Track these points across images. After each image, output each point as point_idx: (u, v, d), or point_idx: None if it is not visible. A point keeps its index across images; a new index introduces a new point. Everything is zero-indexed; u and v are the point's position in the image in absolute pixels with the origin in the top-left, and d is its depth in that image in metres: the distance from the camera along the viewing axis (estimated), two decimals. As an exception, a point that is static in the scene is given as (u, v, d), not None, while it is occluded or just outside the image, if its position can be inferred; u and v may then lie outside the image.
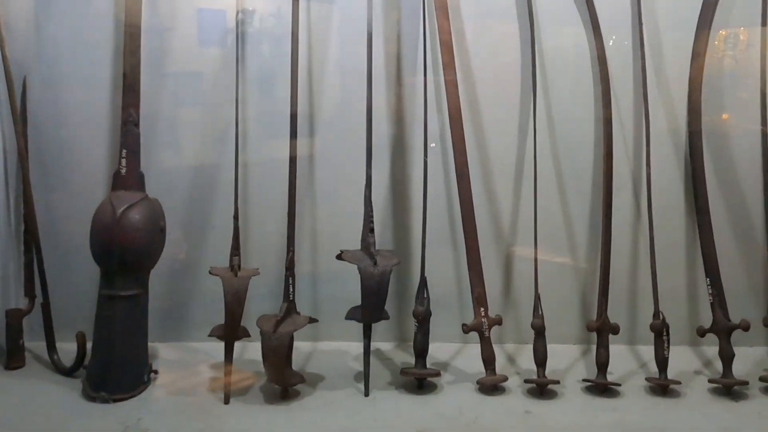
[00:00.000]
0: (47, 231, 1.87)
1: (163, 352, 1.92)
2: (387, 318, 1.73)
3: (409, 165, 1.98)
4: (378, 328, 1.83)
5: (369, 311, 1.67)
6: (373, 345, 1.78)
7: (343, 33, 1.95)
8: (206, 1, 1.96)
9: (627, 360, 1.90)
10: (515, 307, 2.00)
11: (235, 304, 1.63)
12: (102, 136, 1.91)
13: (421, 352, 1.72)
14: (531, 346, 1.75)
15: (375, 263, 1.66)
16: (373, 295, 1.65)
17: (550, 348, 1.73)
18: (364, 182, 1.76)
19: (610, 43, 1.91)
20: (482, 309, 1.75)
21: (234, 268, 1.69)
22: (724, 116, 1.96)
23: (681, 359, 1.86)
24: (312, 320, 1.74)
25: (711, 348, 1.88)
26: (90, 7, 1.91)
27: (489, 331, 1.73)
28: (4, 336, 1.83)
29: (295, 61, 1.77)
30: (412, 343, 1.75)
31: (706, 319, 1.81)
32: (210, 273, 1.69)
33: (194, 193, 1.98)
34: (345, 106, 1.97)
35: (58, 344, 1.84)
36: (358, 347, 1.85)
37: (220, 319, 1.66)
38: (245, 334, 1.69)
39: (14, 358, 1.82)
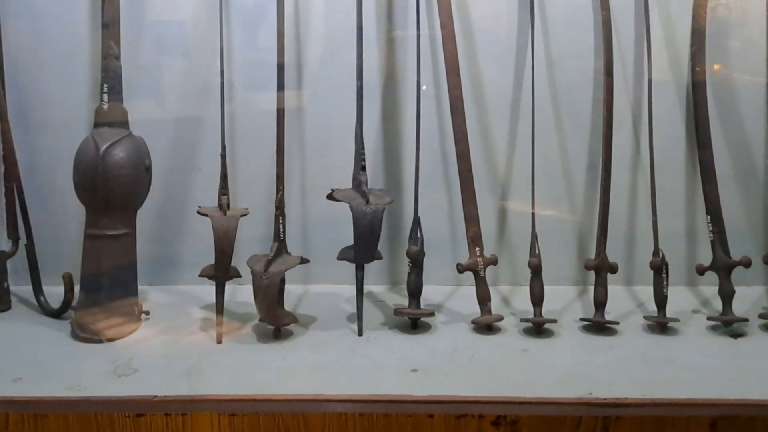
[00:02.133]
0: (28, 171, 1.81)
1: (153, 295, 1.89)
2: (380, 258, 1.69)
3: (401, 102, 1.91)
4: (370, 270, 1.80)
5: (361, 251, 1.63)
6: (366, 287, 1.74)
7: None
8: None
9: (625, 300, 1.87)
10: (511, 248, 1.96)
11: (225, 243, 1.59)
12: (82, 71, 1.84)
13: (414, 293, 1.69)
14: (527, 288, 1.71)
15: (367, 201, 1.61)
16: (366, 235, 1.61)
17: (547, 289, 1.70)
18: (354, 120, 1.70)
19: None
20: (477, 248, 1.71)
21: (223, 207, 1.64)
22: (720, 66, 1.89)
23: (679, 299, 1.84)
24: (303, 260, 1.70)
25: (710, 288, 1.85)
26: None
27: (484, 271, 1.70)
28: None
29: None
30: (405, 286, 1.72)
31: (706, 260, 1.78)
32: (198, 213, 1.64)
33: (180, 138, 1.92)
34: (336, 44, 1.89)
35: (44, 287, 1.80)
36: (350, 290, 1.83)
37: (210, 260, 1.62)
38: (236, 274, 1.65)
39: None
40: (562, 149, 1.93)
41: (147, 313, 1.72)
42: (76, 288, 1.67)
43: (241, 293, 1.81)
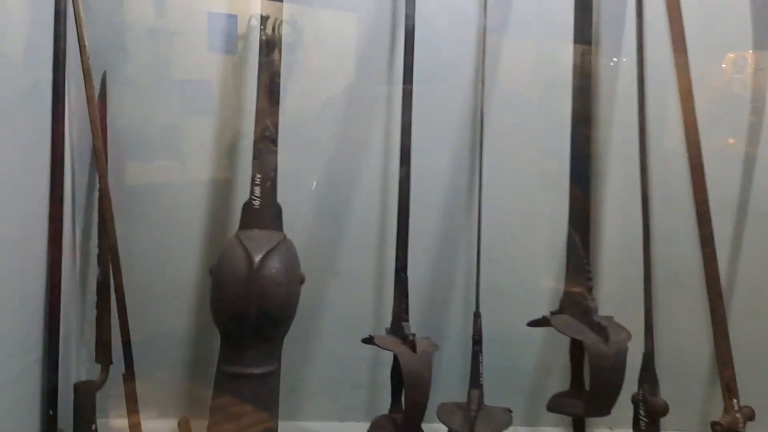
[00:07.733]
0: (128, 272, 1.33)
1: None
2: (607, 414, 1.26)
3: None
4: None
5: (599, 401, 1.21)
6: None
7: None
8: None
9: None
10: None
11: (419, 392, 1.17)
12: (209, 146, 1.42)
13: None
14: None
15: (606, 339, 1.21)
16: (606, 381, 1.20)
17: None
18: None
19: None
20: (735, 401, 1.29)
21: (408, 338, 1.23)
22: None
23: None
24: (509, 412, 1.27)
25: None
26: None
27: (744, 430, 1.28)
28: (71, 415, 1.33)
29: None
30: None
31: None
32: (375, 344, 1.22)
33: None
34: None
35: (143, 421, 1.35)
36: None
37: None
38: (420, 431, 1.22)
39: (84, 450, 1.33)
40: None
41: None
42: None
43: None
